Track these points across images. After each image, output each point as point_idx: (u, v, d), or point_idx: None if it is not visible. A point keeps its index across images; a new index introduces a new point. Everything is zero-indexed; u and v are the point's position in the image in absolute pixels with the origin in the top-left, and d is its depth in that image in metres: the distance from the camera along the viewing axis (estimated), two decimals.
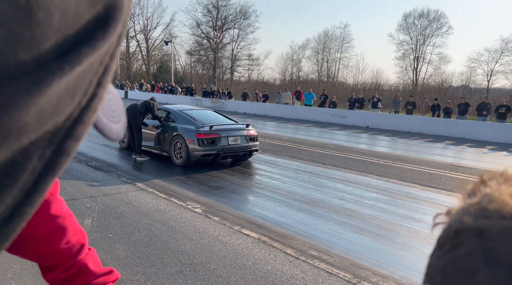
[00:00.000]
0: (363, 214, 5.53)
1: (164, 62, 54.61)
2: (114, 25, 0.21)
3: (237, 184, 6.93)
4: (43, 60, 0.18)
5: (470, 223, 0.27)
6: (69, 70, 0.19)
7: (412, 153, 11.53)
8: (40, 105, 0.18)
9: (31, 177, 0.20)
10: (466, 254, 0.26)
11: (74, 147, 0.22)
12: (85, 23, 0.19)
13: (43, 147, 0.20)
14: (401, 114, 19.65)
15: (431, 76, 44.60)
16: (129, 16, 0.24)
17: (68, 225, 0.81)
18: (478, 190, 0.30)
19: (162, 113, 9.07)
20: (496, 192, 0.28)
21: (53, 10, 0.18)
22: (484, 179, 0.31)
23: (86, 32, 0.20)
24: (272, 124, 18.53)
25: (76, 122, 0.22)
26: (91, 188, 6.18)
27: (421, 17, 44.56)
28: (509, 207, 0.26)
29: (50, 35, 0.18)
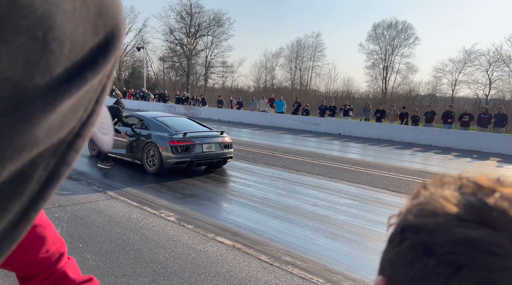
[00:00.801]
0: (335, 220, 5.65)
1: (136, 68, 53.77)
2: (113, 51, 0.25)
3: (211, 192, 6.91)
4: (54, 84, 0.21)
5: (412, 221, 0.32)
6: (75, 91, 0.22)
7: (382, 159, 11.88)
8: (50, 122, 0.21)
9: (37, 185, 0.22)
10: (408, 247, 0.31)
11: (74, 158, 0.25)
12: (89, 50, 0.23)
13: (48, 158, 0.23)
14: (371, 121, 20.21)
15: (400, 85, 46.18)
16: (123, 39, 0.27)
17: (48, 234, 0.81)
18: (420, 193, 0.35)
19: (134, 120, 8.93)
20: (433, 194, 0.33)
21: (65, 41, 0.20)
22: (425, 184, 0.36)
23: (90, 58, 0.23)
24: (247, 131, 18.60)
25: (77, 136, 0.25)
26: (60, 197, 6.00)
27: (390, 27, 46.19)
28: (441, 207, 0.31)
29: (61, 62, 0.21)
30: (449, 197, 0.31)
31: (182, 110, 25.84)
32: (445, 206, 0.31)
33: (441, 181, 0.35)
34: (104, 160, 8.30)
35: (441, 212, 0.30)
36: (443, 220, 0.30)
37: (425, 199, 0.33)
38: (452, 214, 0.30)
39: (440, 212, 0.30)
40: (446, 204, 0.31)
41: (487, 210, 0.29)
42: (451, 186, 0.33)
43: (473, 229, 0.28)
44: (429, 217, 0.31)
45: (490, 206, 0.29)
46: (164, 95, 30.41)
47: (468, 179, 0.33)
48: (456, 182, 0.34)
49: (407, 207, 0.34)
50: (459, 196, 0.31)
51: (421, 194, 0.34)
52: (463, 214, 0.29)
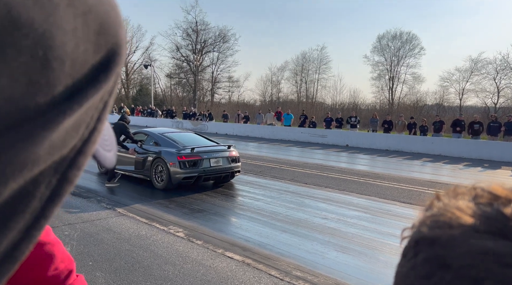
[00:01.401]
0: (346, 233, 5.57)
1: (143, 85, 54.47)
2: (114, 68, 0.25)
3: (219, 206, 6.88)
4: (56, 102, 0.21)
5: (426, 233, 0.31)
6: (77, 108, 0.22)
7: (392, 170, 11.76)
8: (52, 140, 0.21)
9: (39, 203, 0.22)
10: (423, 261, 0.30)
11: (76, 175, 0.24)
12: (90, 67, 0.23)
13: (50, 176, 0.23)
14: (379, 132, 20.11)
15: (406, 95, 46.05)
16: (125, 57, 0.27)
17: (56, 252, 0.81)
18: (434, 204, 0.34)
19: (142, 136, 9.00)
20: (447, 205, 0.32)
21: (66, 59, 0.21)
22: (438, 195, 0.35)
23: (91, 75, 0.23)
24: (254, 144, 18.61)
25: (78, 153, 0.24)
26: (70, 215, 6.02)
27: (394, 39, 46.34)
28: (456, 218, 0.30)
29: (62, 80, 0.21)
30: (464, 208, 0.30)
31: (189, 125, 26.00)
32: (460, 217, 0.30)
33: (455, 191, 0.34)
34: (110, 179, 8.33)
35: (456, 223, 0.29)
36: (459, 232, 0.29)
37: (439, 210, 0.32)
38: (468, 225, 0.29)
39: (455, 223, 0.29)
40: (461, 215, 0.30)
41: (504, 221, 0.28)
42: (466, 196, 0.32)
43: (490, 241, 0.27)
44: (444, 229, 0.30)
45: (507, 216, 0.28)
46: (171, 111, 30.67)
47: (483, 189, 0.32)
48: (470, 192, 0.33)
49: (421, 219, 0.33)
50: (474, 206, 0.30)
51: (435, 205, 0.33)
52: (479, 225, 0.28)
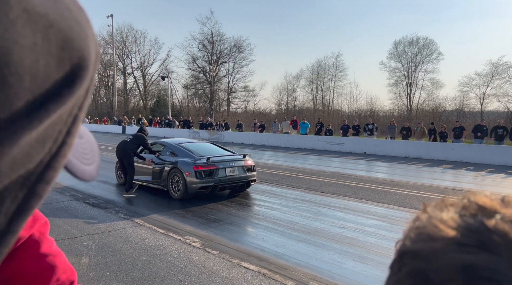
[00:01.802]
0: (364, 242, 5.46)
1: (161, 96, 55.34)
2: (79, 82, 0.25)
3: (235, 216, 6.87)
4: (14, 117, 0.21)
5: (409, 246, 0.30)
6: (37, 123, 0.22)
7: (411, 178, 11.53)
8: (13, 155, 0.21)
9: (4, 219, 0.22)
10: (406, 275, 0.29)
11: (45, 190, 0.24)
12: (53, 82, 0.23)
13: (16, 190, 0.22)
14: (397, 139, 19.79)
15: (425, 101, 45.29)
16: (96, 71, 0.27)
17: (58, 263, 0.82)
18: (420, 216, 0.33)
19: (159, 147, 9.11)
20: (431, 218, 0.31)
21: (24, 75, 0.20)
22: (425, 206, 0.34)
23: (54, 90, 0.23)
24: (270, 153, 18.58)
25: (47, 167, 0.24)
26: (89, 225, 6.11)
27: (411, 44, 45.81)
28: (438, 230, 0.29)
29: (21, 96, 0.21)
30: (447, 220, 0.29)
31: (205, 135, 26.20)
32: (442, 229, 0.29)
33: (443, 203, 0.33)
34: (128, 189, 8.45)
35: (438, 236, 0.28)
36: (440, 245, 0.28)
37: (423, 222, 0.31)
38: (450, 238, 0.28)
39: (437, 236, 0.28)
40: (443, 227, 0.29)
41: (486, 233, 0.27)
42: (453, 208, 0.31)
43: (471, 254, 0.26)
44: (426, 242, 0.29)
45: (489, 228, 0.27)
46: (188, 121, 31.01)
47: (469, 200, 0.31)
48: (459, 203, 0.32)
49: (406, 231, 0.32)
50: (458, 218, 0.29)
51: (420, 217, 0.33)
52: (460, 238, 0.27)
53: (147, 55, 57.06)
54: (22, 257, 0.79)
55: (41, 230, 0.83)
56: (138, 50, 56.79)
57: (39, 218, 0.83)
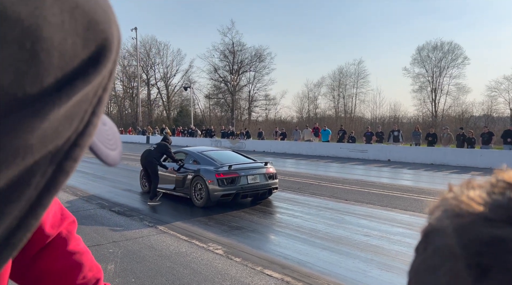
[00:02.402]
0: (389, 250, 5.34)
1: (184, 106, 56.24)
2: (104, 62, 0.26)
3: (258, 224, 6.85)
4: (44, 92, 0.22)
5: (435, 224, 0.30)
6: (66, 100, 0.23)
7: (437, 185, 11.21)
8: (43, 129, 0.22)
9: (35, 192, 0.23)
10: (432, 252, 0.29)
11: (72, 167, 0.25)
12: (79, 61, 0.24)
13: (45, 166, 0.23)
14: (422, 146, 19.32)
15: (451, 107, 44.13)
16: (118, 55, 0.28)
17: (85, 261, 0.84)
18: (446, 195, 0.32)
19: (182, 155, 9.23)
20: (457, 196, 0.30)
21: (53, 51, 0.22)
22: (450, 187, 0.33)
23: (81, 69, 0.24)
24: (292, 161, 18.49)
25: (74, 145, 0.25)
26: (114, 233, 6.23)
27: (435, 49, 44.89)
28: (465, 207, 0.28)
29: (51, 72, 0.22)
30: (474, 197, 0.29)
31: (227, 143, 26.37)
32: (470, 206, 0.28)
33: (470, 183, 0.33)
34: (153, 197, 8.57)
35: (466, 212, 0.28)
36: (468, 220, 0.28)
37: (449, 201, 0.31)
38: (477, 213, 0.27)
39: (465, 212, 0.28)
40: (471, 204, 0.29)
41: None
42: (480, 187, 0.31)
43: (500, 228, 0.26)
44: (453, 219, 0.29)
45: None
46: (210, 130, 31.34)
47: (497, 178, 0.31)
48: (486, 183, 0.31)
49: (431, 210, 0.32)
50: (486, 196, 0.29)
51: (446, 197, 0.32)
52: (488, 213, 0.27)
53: (170, 66, 58.24)
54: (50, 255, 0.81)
55: (69, 228, 0.86)
56: (161, 62, 58.06)
57: (67, 217, 0.86)
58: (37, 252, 0.80)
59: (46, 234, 0.80)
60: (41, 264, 0.80)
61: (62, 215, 0.85)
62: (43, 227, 0.79)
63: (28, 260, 0.80)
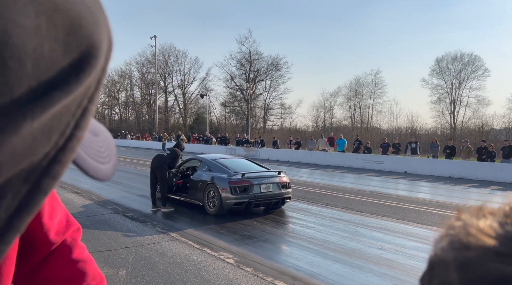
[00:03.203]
0: (404, 265, 5.20)
1: (200, 114, 56.69)
2: (88, 71, 0.23)
3: (270, 233, 6.79)
4: (15, 104, 0.20)
5: (441, 256, 0.27)
6: (40, 112, 0.21)
7: (455, 199, 10.93)
8: (14, 145, 0.20)
9: (5, 215, 0.21)
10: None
11: (50, 185, 0.23)
12: (59, 69, 0.22)
13: (18, 185, 0.21)
14: (440, 158, 18.92)
15: (470, 119, 43.23)
16: (109, 62, 0.26)
17: (88, 269, 0.83)
18: (453, 224, 0.30)
19: (195, 162, 9.27)
20: (466, 225, 0.28)
21: (26, 59, 0.19)
22: (460, 213, 0.31)
23: (60, 78, 0.22)
24: (306, 171, 18.36)
25: (53, 162, 0.23)
26: (127, 238, 6.27)
27: (455, 61, 44.21)
28: (474, 239, 0.26)
29: (23, 81, 0.20)
30: (484, 228, 0.26)
31: (242, 151, 26.39)
32: (479, 238, 0.26)
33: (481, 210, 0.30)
34: (165, 204, 8.60)
35: (475, 245, 0.25)
36: (476, 254, 0.25)
37: (457, 230, 0.28)
38: (487, 247, 0.25)
39: (474, 245, 0.26)
40: (480, 236, 0.26)
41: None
42: (492, 216, 0.28)
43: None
44: (460, 251, 0.26)
45: None
46: (225, 138, 31.46)
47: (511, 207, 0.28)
48: (499, 211, 0.29)
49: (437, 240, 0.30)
50: (498, 227, 0.26)
51: (454, 225, 0.30)
52: (500, 247, 0.24)
53: (188, 74, 58.97)
54: (55, 263, 0.81)
55: (73, 236, 0.85)
56: (179, 69, 58.86)
57: (73, 224, 0.85)
58: (41, 259, 0.80)
59: (51, 241, 0.79)
60: (45, 271, 0.80)
61: (68, 222, 0.84)
62: (48, 234, 0.78)
63: (32, 267, 0.79)
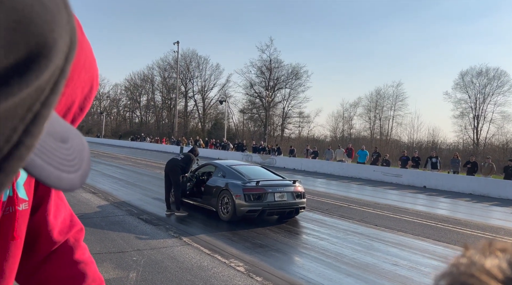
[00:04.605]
0: (419, 283, 5.04)
1: (218, 120, 57.15)
2: (37, 72, 0.21)
3: (282, 243, 6.72)
4: None
5: None
6: None
7: (476, 217, 10.59)
8: None
9: None
10: None
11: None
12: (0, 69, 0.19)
13: None
14: (461, 174, 18.43)
15: (494, 136, 42.07)
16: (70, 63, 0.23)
17: (89, 271, 0.83)
18: (459, 261, 0.27)
19: (211, 168, 9.29)
20: (472, 264, 0.25)
21: None
22: (466, 249, 0.28)
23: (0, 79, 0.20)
24: (322, 181, 18.18)
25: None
26: (140, 241, 6.31)
27: (480, 75, 43.26)
28: (477, 281, 0.23)
29: None
30: (491, 269, 0.24)
31: (258, 159, 26.38)
32: (484, 281, 0.23)
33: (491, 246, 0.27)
34: (179, 208, 8.63)
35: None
36: None
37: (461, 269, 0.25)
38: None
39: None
40: (485, 279, 0.23)
41: None
42: (502, 254, 0.25)
43: None
44: None
45: None
46: (242, 144, 31.54)
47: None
48: (510, 248, 0.26)
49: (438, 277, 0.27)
50: (506, 267, 0.23)
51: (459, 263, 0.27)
52: None
53: (208, 80, 59.64)
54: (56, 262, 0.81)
55: (76, 236, 0.85)
56: (200, 75, 59.64)
57: (76, 224, 0.85)
58: (43, 258, 0.80)
59: (54, 240, 0.79)
60: (46, 270, 0.80)
61: (71, 222, 0.84)
62: (51, 233, 0.78)
63: (34, 265, 0.79)
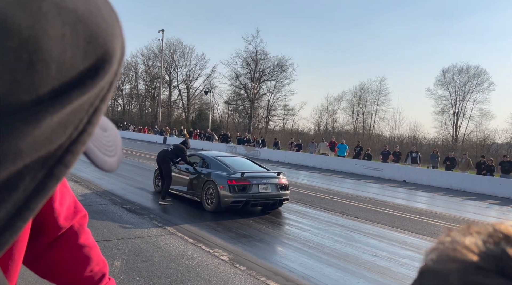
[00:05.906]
0: (397, 273, 5.24)
1: (203, 110, 56.74)
2: (102, 75, 0.27)
3: (265, 233, 6.84)
4: (39, 101, 0.23)
5: (430, 266, 0.32)
6: (59, 108, 0.24)
7: (452, 211, 10.96)
8: (35, 135, 0.23)
9: (23, 195, 0.24)
10: None
11: (63, 172, 0.26)
12: (77, 72, 0.25)
13: (36, 170, 0.24)
14: (439, 169, 18.94)
15: (472, 132, 43.25)
16: (121, 67, 0.30)
17: (93, 255, 0.88)
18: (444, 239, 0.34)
19: (196, 158, 9.31)
20: (454, 241, 0.32)
21: (51, 63, 0.23)
22: (450, 231, 0.35)
23: (78, 80, 0.25)
24: (305, 173, 18.40)
25: (66, 152, 0.26)
26: (124, 230, 6.32)
27: (461, 73, 44.23)
28: (459, 254, 0.30)
29: (47, 82, 0.23)
30: (469, 245, 0.31)
31: (242, 150, 26.42)
32: (464, 253, 0.30)
33: (468, 229, 0.35)
34: (164, 197, 8.65)
35: (459, 259, 0.30)
36: (459, 266, 0.29)
37: (445, 245, 0.33)
38: (469, 261, 0.29)
39: (458, 259, 0.30)
40: (464, 251, 0.31)
41: (506, 261, 0.28)
42: (477, 235, 0.33)
43: (488, 278, 0.28)
44: (446, 263, 0.31)
45: (510, 256, 0.28)
46: (227, 136, 31.49)
47: (495, 229, 0.32)
48: (484, 231, 0.33)
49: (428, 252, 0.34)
50: (481, 244, 0.31)
51: (444, 241, 0.34)
52: (480, 262, 0.29)
53: (193, 69, 58.98)
54: (62, 247, 0.86)
55: (80, 222, 0.90)
56: (184, 65, 58.88)
57: (80, 211, 0.90)
58: (49, 242, 0.85)
59: (60, 225, 0.84)
60: (52, 254, 0.85)
61: (76, 209, 0.89)
62: (58, 219, 0.83)
63: (41, 249, 0.84)
